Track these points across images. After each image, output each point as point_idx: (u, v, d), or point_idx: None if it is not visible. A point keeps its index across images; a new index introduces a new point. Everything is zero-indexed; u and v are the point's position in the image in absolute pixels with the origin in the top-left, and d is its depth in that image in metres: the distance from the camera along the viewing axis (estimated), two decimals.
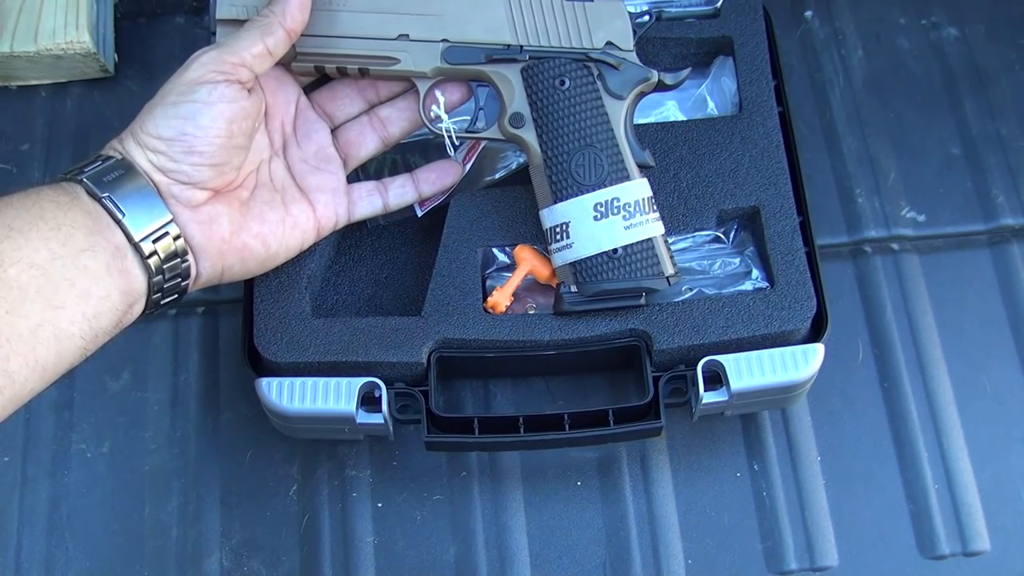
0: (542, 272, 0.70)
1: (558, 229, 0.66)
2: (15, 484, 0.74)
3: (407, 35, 0.66)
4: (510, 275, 0.70)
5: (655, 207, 0.66)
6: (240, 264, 0.64)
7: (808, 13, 0.89)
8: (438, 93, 0.67)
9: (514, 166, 0.74)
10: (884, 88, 0.86)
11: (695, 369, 0.67)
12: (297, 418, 0.67)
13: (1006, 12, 0.89)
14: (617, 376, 0.75)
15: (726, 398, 0.67)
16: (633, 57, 0.66)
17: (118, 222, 0.58)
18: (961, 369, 0.77)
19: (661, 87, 0.67)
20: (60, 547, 0.72)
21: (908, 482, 0.74)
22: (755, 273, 0.71)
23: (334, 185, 0.68)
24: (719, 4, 0.75)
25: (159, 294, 0.60)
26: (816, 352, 0.67)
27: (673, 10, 0.75)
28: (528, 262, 0.70)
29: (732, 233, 0.73)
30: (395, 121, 0.70)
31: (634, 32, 0.67)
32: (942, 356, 0.77)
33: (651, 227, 0.65)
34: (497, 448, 0.73)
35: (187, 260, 0.61)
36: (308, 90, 0.70)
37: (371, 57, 0.66)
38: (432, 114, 0.68)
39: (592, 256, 0.65)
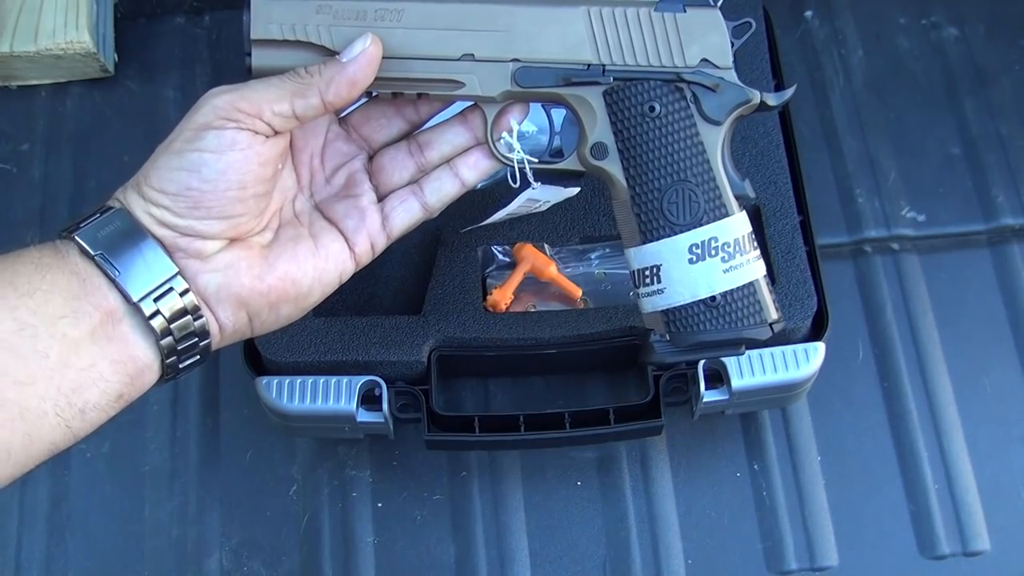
0: (542, 271, 0.70)
1: (647, 272, 0.58)
2: (15, 484, 0.73)
3: (472, 55, 0.57)
4: (510, 273, 0.70)
5: (755, 244, 0.58)
6: (270, 310, 0.57)
7: (808, 13, 0.89)
8: (513, 120, 0.59)
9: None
10: (884, 88, 0.86)
11: (696, 368, 0.67)
12: (297, 417, 0.67)
13: (1006, 12, 0.89)
14: (617, 375, 0.75)
15: (727, 397, 0.67)
16: (732, 76, 0.58)
17: (112, 281, 0.51)
18: (961, 369, 0.77)
19: (763, 108, 0.59)
20: (60, 547, 0.72)
21: (908, 482, 0.74)
22: None
23: (362, 205, 0.60)
24: (719, 4, 0.75)
25: (174, 358, 0.54)
26: (817, 351, 0.67)
27: None
28: (528, 261, 0.70)
29: None
30: (435, 145, 0.61)
31: (732, 44, 0.58)
32: (942, 356, 0.77)
33: (752, 268, 0.57)
34: (498, 447, 0.73)
35: (201, 316, 0.54)
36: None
37: (431, 81, 0.58)
38: (502, 143, 0.60)
39: (687, 304, 0.57)
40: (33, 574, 0.71)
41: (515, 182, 0.60)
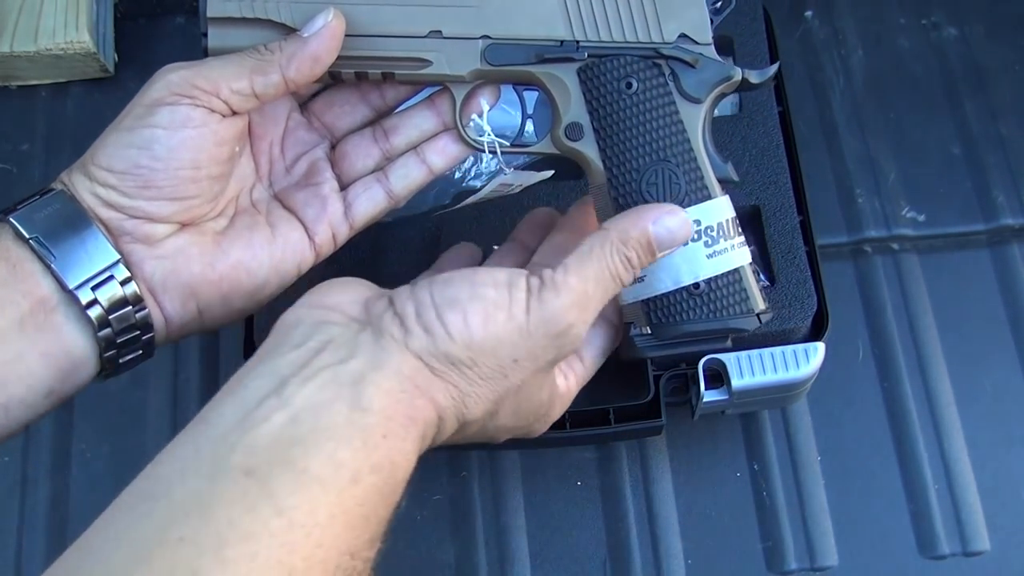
0: None
1: None
2: (15, 484, 0.74)
3: (439, 31, 0.55)
4: None
5: (740, 230, 0.56)
6: (221, 302, 0.54)
7: (808, 13, 0.89)
8: (483, 100, 0.57)
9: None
10: (884, 88, 0.86)
11: (696, 367, 0.67)
12: None
13: (1006, 12, 0.89)
14: (617, 374, 0.75)
15: (727, 397, 0.67)
16: (711, 52, 0.56)
17: (47, 267, 0.48)
18: (961, 369, 0.77)
19: (745, 86, 0.56)
20: (60, 547, 0.72)
21: (908, 482, 0.74)
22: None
23: (324, 194, 0.57)
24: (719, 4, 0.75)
25: (113, 351, 0.50)
26: (817, 351, 0.67)
27: None
28: None
29: None
30: (401, 131, 0.59)
31: (711, 21, 0.56)
32: (942, 356, 0.77)
33: (738, 255, 0.55)
34: (497, 447, 0.73)
35: (143, 308, 0.51)
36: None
37: (396, 60, 0.55)
38: (471, 125, 0.57)
39: (669, 292, 0.55)
40: (33, 574, 0.71)
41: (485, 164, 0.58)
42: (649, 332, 0.56)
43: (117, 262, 0.50)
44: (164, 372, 0.77)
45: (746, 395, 0.67)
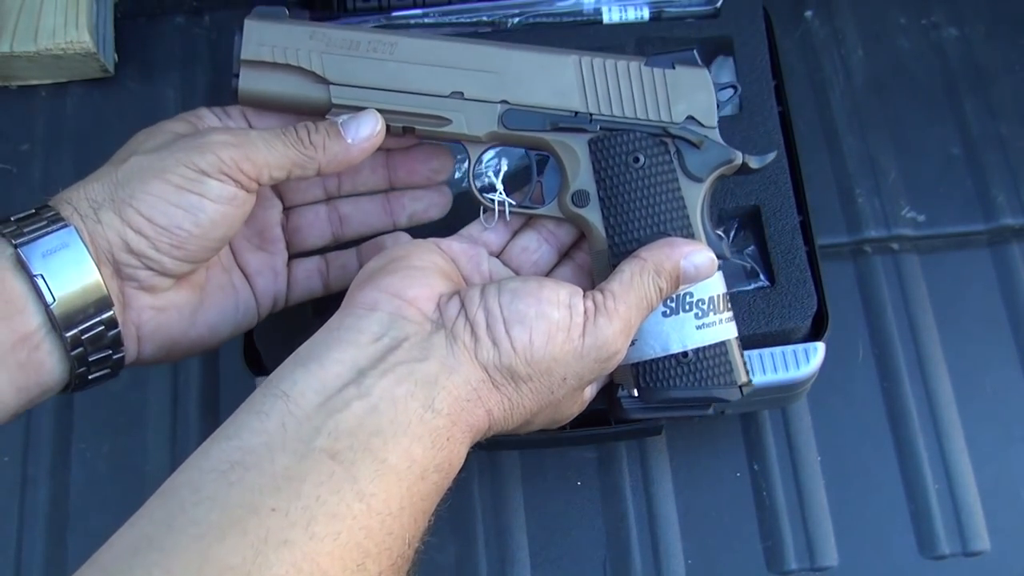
0: None
1: None
2: (15, 484, 0.74)
3: (461, 93, 0.58)
4: None
5: (729, 306, 0.58)
6: (185, 352, 0.57)
7: (808, 13, 0.89)
8: (503, 160, 0.60)
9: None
10: (884, 88, 0.86)
11: None
12: None
13: (1006, 12, 0.89)
14: None
15: None
16: (716, 135, 0.58)
17: (46, 307, 0.48)
18: (961, 369, 0.77)
19: (744, 170, 0.59)
20: (60, 547, 0.72)
21: (908, 482, 0.74)
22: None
23: (275, 267, 0.60)
24: (719, 4, 0.75)
25: (77, 381, 0.52)
26: (817, 350, 0.67)
27: (673, 10, 0.75)
28: None
29: (732, 232, 0.73)
30: (354, 222, 0.62)
31: (718, 106, 0.59)
32: (942, 356, 0.77)
33: (725, 328, 0.57)
34: (497, 447, 0.73)
35: (120, 352, 0.52)
36: None
37: (418, 116, 0.57)
38: (484, 182, 0.60)
39: (658, 358, 0.57)
40: (33, 574, 0.71)
41: (489, 222, 0.60)
42: (636, 395, 0.58)
43: (112, 313, 0.51)
44: (164, 372, 0.77)
45: (746, 395, 0.67)
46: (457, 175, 0.71)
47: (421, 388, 0.47)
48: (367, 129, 0.55)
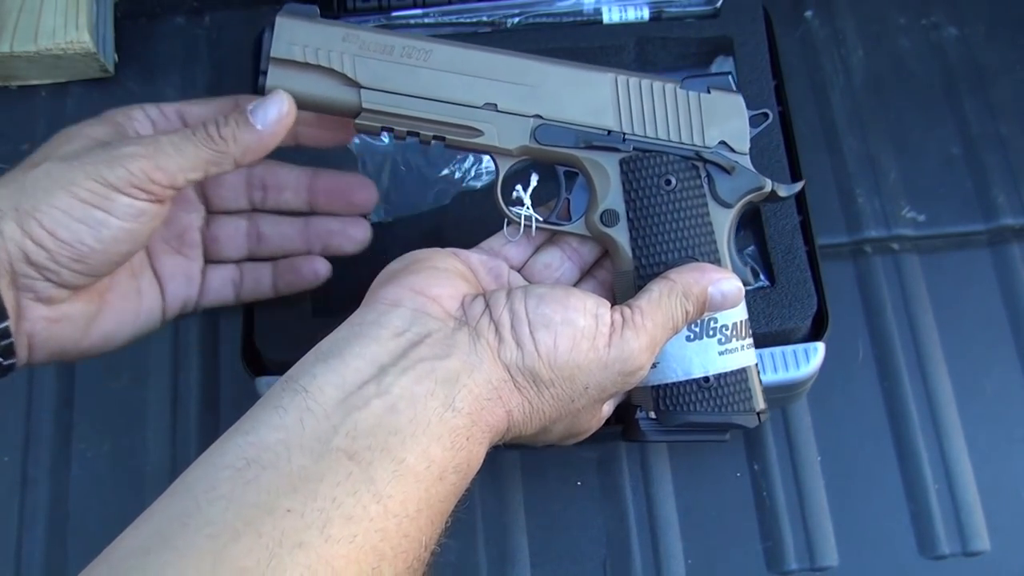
0: None
1: None
2: (15, 484, 0.74)
3: (495, 105, 0.57)
4: None
5: (750, 332, 0.58)
6: (78, 358, 0.57)
7: (808, 13, 0.89)
8: (533, 175, 0.59)
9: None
10: (884, 88, 0.86)
11: None
12: None
13: (1006, 12, 0.89)
14: None
15: None
16: (747, 161, 0.59)
17: None
18: (961, 369, 0.77)
19: (773, 198, 0.59)
20: (60, 547, 0.72)
21: (908, 482, 0.74)
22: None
23: (190, 272, 0.60)
24: (719, 4, 0.75)
25: None
26: (817, 350, 0.67)
27: (673, 10, 0.75)
28: None
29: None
30: (271, 243, 0.62)
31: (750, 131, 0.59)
32: (942, 356, 0.77)
33: (746, 355, 0.58)
34: (497, 446, 0.73)
35: (11, 359, 0.52)
36: None
37: (450, 125, 0.57)
38: (512, 196, 0.59)
39: (679, 382, 0.57)
40: (33, 574, 0.71)
41: (513, 236, 0.59)
42: (654, 417, 0.58)
43: (7, 324, 0.50)
44: (164, 372, 0.77)
45: None
46: (457, 175, 0.71)
47: (441, 386, 0.46)
48: (274, 112, 0.53)
